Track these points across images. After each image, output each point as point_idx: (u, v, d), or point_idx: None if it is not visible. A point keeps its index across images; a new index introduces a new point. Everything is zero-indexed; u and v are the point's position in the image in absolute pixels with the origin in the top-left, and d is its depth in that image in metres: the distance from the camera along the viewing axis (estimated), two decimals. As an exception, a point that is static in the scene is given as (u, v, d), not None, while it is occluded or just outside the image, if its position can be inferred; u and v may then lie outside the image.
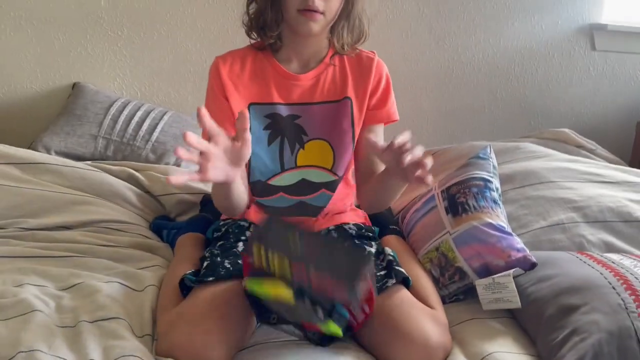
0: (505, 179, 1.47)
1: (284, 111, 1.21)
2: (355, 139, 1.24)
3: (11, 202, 1.36)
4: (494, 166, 1.37)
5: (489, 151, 1.40)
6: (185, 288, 1.07)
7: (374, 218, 1.36)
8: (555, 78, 2.09)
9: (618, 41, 2.05)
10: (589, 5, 2.02)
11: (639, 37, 2.06)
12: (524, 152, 1.62)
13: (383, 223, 1.38)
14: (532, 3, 2.01)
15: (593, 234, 1.31)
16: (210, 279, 1.04)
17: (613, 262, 1.11)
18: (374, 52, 1.27)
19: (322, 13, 1.11)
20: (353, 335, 1.03)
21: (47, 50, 1.85)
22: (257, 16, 1.17)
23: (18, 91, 1.87)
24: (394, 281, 1.07)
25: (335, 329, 0.91)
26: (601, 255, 1.16)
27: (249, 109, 1.20)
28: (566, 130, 1.81)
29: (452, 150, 1.61)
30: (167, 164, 1.70)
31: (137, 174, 1.57)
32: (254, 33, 1.21)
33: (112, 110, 1.75)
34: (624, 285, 1.01)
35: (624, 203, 1.37)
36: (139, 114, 1.77)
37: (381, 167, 1.23)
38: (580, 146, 1.77)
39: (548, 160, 1.56)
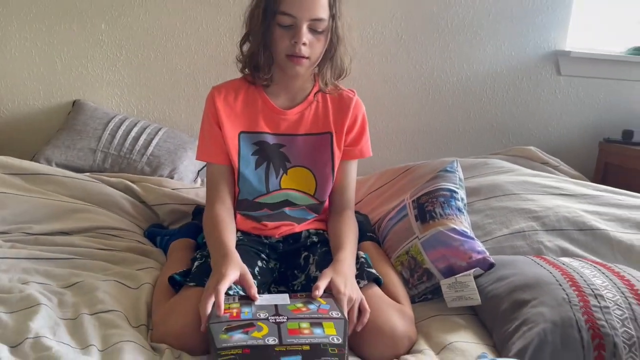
0: (472, 192, 1.58)
1: (270, 140, 1.31)
2: (335, 170, 1.34)
3: (17, 209, 1.44)
4: (460, 178, 1.49)
5: (455, 165, 1.52)
6: (177, 284, 1.16)
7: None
8: (524, 100, 2.18)
9: (581, 67, 2.15)
10: (554, 33, 2.12)
11: (600, 63, 2.15)
12: (491, 167, 1.73)
13: (361, 231, 1.46)
14: (502, 31, 2.11)
15: (550, 241, 1.41)
16: (192, 284, 1.12)
17: (563, 264, 1.21)
18: (353, 92, 1.37)
19: (308, 57, 1.21)
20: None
21: (50, 70, 1.94)
22: (250, 57, 1.27)
23: (21, 107, 1.96)
24: (365, 282, 1.16)
25: None
26: (554, 259, 1.27)
27: (239, 136, 1.30)
28: (532, 147, 1.92)
29: (426, 165, 1.73)
30: (161, 175, 1.78)
31: (132, 185, 1.65)
32: (247, 70, 1.31)
33: (110, 125, 1.84)
34: (570, 283, 1.11)
35: (579, 213, 1.48)
36: (135, 129, 1.85)
37: (349, 203, 1.36)
38: (545, 163, 1.89)
39: (513, 174, 1.68)
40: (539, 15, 2.10)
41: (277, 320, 0.99)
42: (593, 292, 1.09)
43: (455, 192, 1.42)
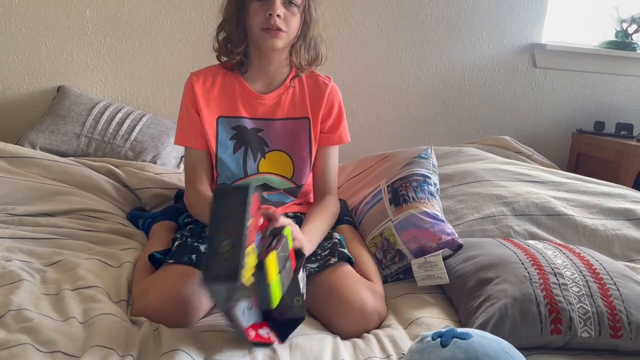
0: (446, 178, 1.63)
1: (248, 124, 1.34)
2: (312, 154, 1.37)
3: (0, 191, 1.44)
4: (433, 165, 1.53)
5: (429, 152, 1.57)
6: (157, 262, 1.19)
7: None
8: (500, 91, 2.22)
9: (556, 59, 2.19)
10: (530, 27, 2.16)
11: (574, 56, 2.20)
12: (466, 155, 1.79)
13: (339, 215, 1.52)
14: (480, 23, 2.15)
15: (519, 225, 1.47)
16: (171, 261, 1.14)
17: (528, 245, 1.27)
18: (329, 78, 1.40)
19: (285, 31, 1.24)
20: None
21: (35, 56, 1.95)
22: (225, 41, 1.31)
23: (6, 92, 1.97)
24: (335, 259, 1.19)
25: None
26: (520, 241, 1.33)
27: (217, 121, 1.32)
28: (506, 137, 1.97)
29: (403, 153, 1.78)
30: (144, 161, 1.81)
31: (116, 169, 1.67)
32: (222, 57, 1.35)
33: (95, 111, 1.86)
34: (532, 262, 1.16)
35: (548, 199, 1.54)
36: (119, 115, 1.87)
37: (330, 189, 1.39)
38: (518, 152, 1.94)
39: (486, 162, 1.73)
40: (515, 9, 2.15)
41: None
42: (553, 270, 1.14)
43: (428, 177, 1.47)
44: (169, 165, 1.85)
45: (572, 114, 2.27)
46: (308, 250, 1.16)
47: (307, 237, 1.17)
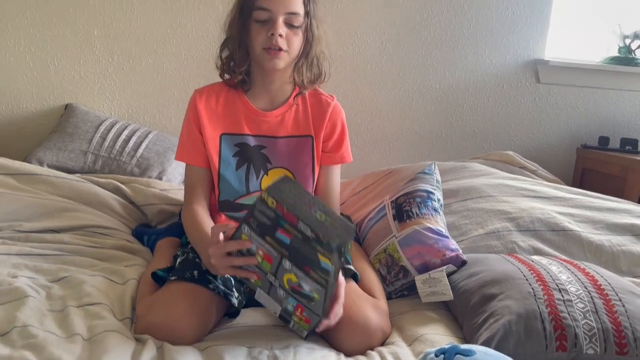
0: (450, 194, 1.64)
1: (252, 141, 1.34)
2: (315, 172, 1.37)
3: (8, 208, 1.47)
4: (437, 180, 1.54)
5: (433, 167, 1.57)
6: (160, 280, 1.19)
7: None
8: (504, 107, 2.22)
9: (560, 75, 2.19)
10: (533, 43, 2.16)
11: (577, 71, 2.19)
12: (470, 170, 1.79)
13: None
14: (483, 39, 2.16)
15: (524, 241, 1.46)
16: (173, 278, 1.14)
17: (532, 261, 1.27)
18: (332, 97, 1.41)
19: (286, 51, 1.25)
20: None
21: (43, 74, 1.98)
22: (228, 60, 1.32)
23: (15, 111, 1.99)
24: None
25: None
26: (525, 257, 1.32)
27: (220, 138, 1.33)
28: (510, 152, 1.97)
29: (407, 168, 1.78)
30: (150, 177, 1.82)
31: (122, 186, 1.68)
32: (225, 75, 1.35)
33: (101, 128, 1.88)
34: (536, 278, 1.16)
35: (552, 215, 1.53)
36: (125, 132, 1.89)
37: (333, 207, 1.37)
38: (523, 167, 1.94)
39: (490, 177, 1.73)
40: (518, 25, 2.16)
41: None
42: (558, 286, 1.13)
43: (432, 193, 1.47)
44: (174, 182, 1.87)
45: (577, 129, 2.26)
46: None
47: None
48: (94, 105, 2.03)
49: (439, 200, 1.48)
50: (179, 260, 1.24)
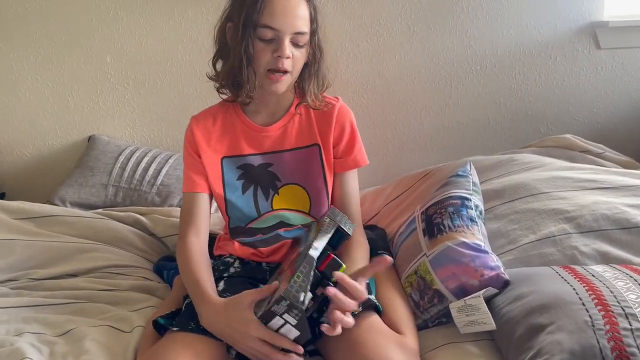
0: (494, 195, 1.43)
1: (256, 161, 1.27)
2: (328, 183, 1.27)
3: (23, 255, 1.46)
4: (473, 183, 1.34)
5: (468, 168, 1.37)
6: (163, 328, 1.11)
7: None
8: (560, 81, 1.98)
9: (624, 37, 1.93)
10: (588, 3, 1.91)
11: None
12: (518, 164, 1.56)
13: (371, 247, 1.37)
14: (525, 8, 1.93)
15: (587, 245, 1.24)
16: (175, 329, 1.07)
17: (593, 276, 1.05)
18: (337, 98, 1.31)
19: (290, 72, 1.17)
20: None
21: (64, 108, 1.97)
22: (229, 74, 1.22)
23: (41, 149, 2.00)
24: (360, 309, 1.05)
25: None
26: (584, 268, 1.11)
27: (221, 162, 1.27)
28: (568, 135, 1.72)
29: (446, 167, 1.58)
30: (171, 205, 1.77)
31: (142, 218, 1.64)
32: (226, 90, 1.26)
33: (121, 158, 1.85)
34: (595, 301, 0.96)
35: (621, 209, 1.29)
36: (145, 160, 1.85)
37: (353, 219, 1.26)
38: (585, 151, 1.68)
39: (542, 170, 1.50)
40: (567, -17, 1.90)
41: None
42: (624, 310, 0.93)
43: (467, 199, 1.28)
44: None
45: (651, 97, 1.97)
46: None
47: None
48: (116, 134, 2.00)
49: (476, 207, 1.28)
50: (186, 302, 1.16)
